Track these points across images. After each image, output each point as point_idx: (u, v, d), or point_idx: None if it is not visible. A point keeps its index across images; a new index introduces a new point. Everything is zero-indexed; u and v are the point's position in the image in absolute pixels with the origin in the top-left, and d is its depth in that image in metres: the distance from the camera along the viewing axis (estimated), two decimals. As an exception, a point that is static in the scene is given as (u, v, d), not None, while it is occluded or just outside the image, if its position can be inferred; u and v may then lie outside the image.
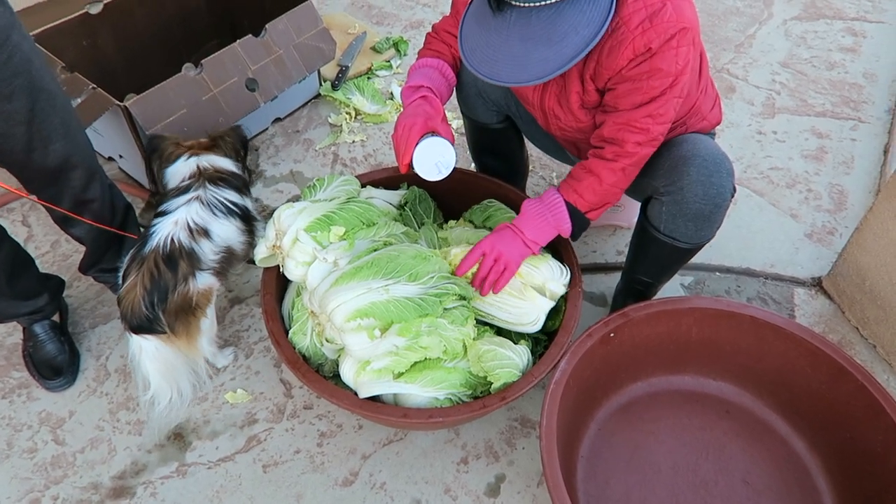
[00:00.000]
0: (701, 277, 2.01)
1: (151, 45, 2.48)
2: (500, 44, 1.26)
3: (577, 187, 1.48)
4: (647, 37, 1.27)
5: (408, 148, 1.48)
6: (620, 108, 1.39)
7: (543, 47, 1.23)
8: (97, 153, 2.32)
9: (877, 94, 2.60)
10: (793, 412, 1.65)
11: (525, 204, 1.55)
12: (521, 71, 1.26)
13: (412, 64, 1.63)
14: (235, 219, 1.65)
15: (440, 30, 1.63)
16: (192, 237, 1.56)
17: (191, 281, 1.54)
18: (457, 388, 1.51)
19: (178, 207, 1.61)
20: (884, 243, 1.73)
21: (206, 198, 1.63)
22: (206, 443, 1.67)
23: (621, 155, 1.42)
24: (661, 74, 1.31)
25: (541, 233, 1.52)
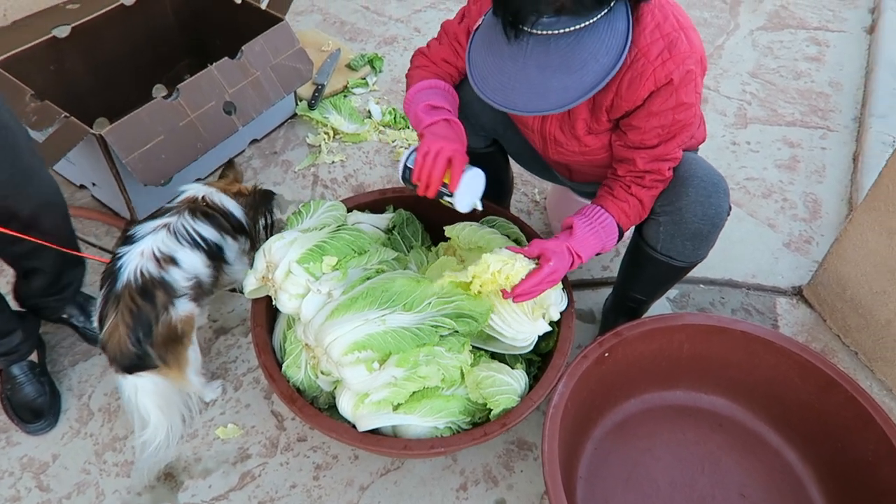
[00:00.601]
0: (686, 290, 2.03)
1: (121, 68, 2.42)
2: (515, 72, 1.23)
3: (626, 210, 1.47)
4: (667, 68, 1.28)
5: (454, 177, 1.43)
6: (648, 145, 1.40)
7: (562, 75, 1.21)
8: (69, 181, 2.26)
9: (843, 103, 2.67)
10: (784, 424, 1.68)
11: (578, 224, 1.47)
12: (540, 100, 1.24)
13: (417, 83, 1.56)
14: (200, 252, 1.60)
15: (436, 57, 1.58)
16: (160, 266, 1.52)
17: (171, 309, 1.51)
18: (456, 415, 1.50)
19: (145, 235, 1.57)
20: (863, 253, 1.77)
21: (174, 226, 1.59)
22: (199, 481, 1.62)
23: (659, 181, 1.46)
24: (685, 108, 1.33)
25: (589, 252, 1.48)
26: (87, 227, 2.15)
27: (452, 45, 1.56)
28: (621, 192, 1.48)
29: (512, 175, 2.01)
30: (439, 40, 1.58)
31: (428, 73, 1.58)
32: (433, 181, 1.44)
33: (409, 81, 1.59)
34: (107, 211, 2.20)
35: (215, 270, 1.66)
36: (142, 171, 1.94)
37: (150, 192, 2.12)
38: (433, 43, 1.60)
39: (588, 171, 1.64)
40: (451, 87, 1.57)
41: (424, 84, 1.54)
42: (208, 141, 2.09)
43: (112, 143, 1.88)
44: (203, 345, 1.87)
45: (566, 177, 1.74)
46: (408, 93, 1.56)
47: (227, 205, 1.71)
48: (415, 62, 1.63)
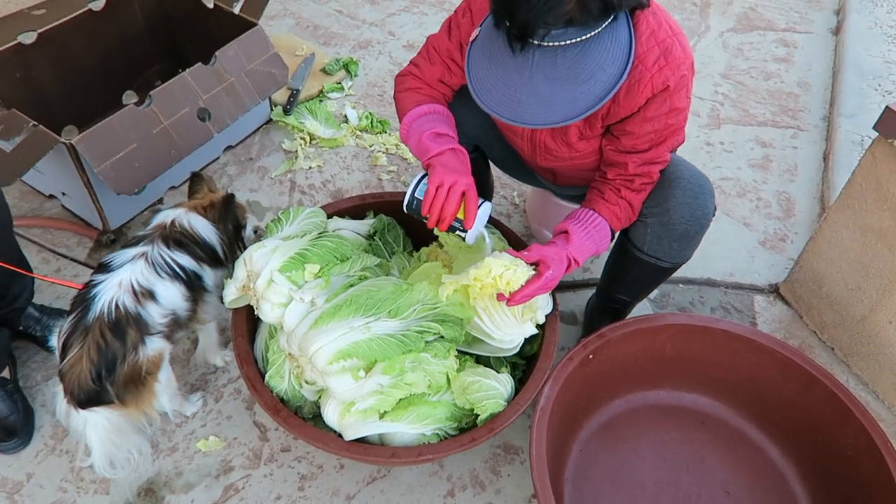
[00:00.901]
0: (666, 290, 2.05)
1: (90, 74, 2.36)
2: (521, 84, 1.21)
3: (617, 213, 1.48)
4: (664, 74, 1.29)
5: (470, 213, 1.43)
6: (641, 149, 1.41)
7: (571, 87, 1.20)
8: (37, 191, 2.21)
9: (812, 103, 2.73)
10: (766, 420, 1.70)
11: (573, 229, 1.46)
12: (549, 112, 1.23)
13: (415, 107, 1.51)
14: (180, 284, 1.53)
15: (430, 79, 1.54)
16: (138, 300, 1.44)
17: (140, 349, 1.43)
18: (443, 422, 1.49)
19: (123, 265, 1.48)
20: (838, 251, 1.81)
21: (152, 256, 1.51)
22: (181, 496, 1.59)
23: (648, 184, 1.48)
24: (678, 112, 1.35)
25: (586, 256, 1.49)
26: (58, 238, 2.10)
27: (445, 62, 1.52)
28: (612, 195, 1.48)
29: (492, 179, 2.01)
30: (429, 59, 1.54)
31: (422, 95, 1.54)
32: (447, 216, 1.43)
33: (402, 105, 1.55)
34: (78, 221, 2.14)
35: (194, 303, 1.57)
36: (114, 180, 1.89)
37: (122, 201, 2.08)
38: (422, 62, 1.56)
39: (573, 175, 1.64)
40: (448, 111, 1.54)
41: (424, 109, 1.51)
42: (182, 148, 2.05)
43: (83, 151, 1.84)
44: (182, 356, 1.83)
45: (550, 181, 1.74)
46: (404, 119, 1.52)
47: (197, 227, 1.59)
48: (406, 84, 1.58)
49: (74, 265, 2.03)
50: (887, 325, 1.73)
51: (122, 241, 2.10)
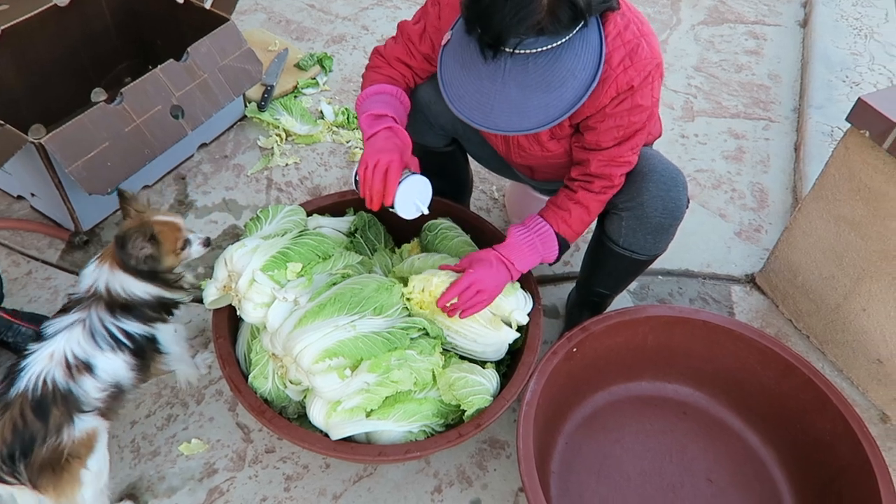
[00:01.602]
0: (645, 282, 2.07)
1: (56, 71, 2.30)
2: (494, 91, 1.22)
3: (566, 218, 1.49)
4: (628, 75, 1.30)
5: (389, 189, 1.42)
6: (604, 146, 1.41)
7: (542, 94, 1.21)
8: (5, 192, 2.14)
9: (783, 94, 2.77)
10: (746, 408, 1.73)
11: (513, 232, 1.52)
12: (522, 119, 1.24)
13: (365, 88, 1.55)
14: (125, 353, 1.40)
15: (390, 56, 1.57)
16: (70, 375, 1.33)
17: (66, 430, 1.31)
18: (430, 418, 1.49)
19: (58, 333, 1.37)
20: (812, 241, 1.84)
21: (91, 324, 1.38)
22: (164, 500, 1.56)
23: (609, 187, 1.47)
24: (640, 110, 1.35)
25: (528, 262, 1.52)
26: (28, 240, 2.04)
27: (406, 45, 1.54)
28: (564, 200, 1.50)
29: (471, 173, 2.01)
30: (395, 39, 1.57)
31: (380, 74, 1.57)
32: (374, 194, 1.45)
33: (363, 84, 1.58)
34: (48, 222, 2.09)
35: (142, 370, 1.45)
36: (87, 180, 1.85)
37: (94, 202, 2.03)
38: (390, 42, 1.59)
39: (550, 171, 1.65)
40: (399, 91, 1.55)
41: (372, 90, 1.53)
42: (156, 147, 2.01)
43: (53, 151, 1.79)
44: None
45: (528, 176, 1.75)
46: (357, 99, 1.56)
47: (132, 287, 1.43)
48: (371, 62, 1.61)
49: (46, 267, 1.98)
50: (861, 312, 1.78)
51: (94, 242, 2.06)
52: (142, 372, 1.46)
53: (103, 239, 2.07)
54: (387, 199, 1.45)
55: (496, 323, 1.52)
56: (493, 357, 1.58)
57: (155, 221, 1.46)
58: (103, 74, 2.46)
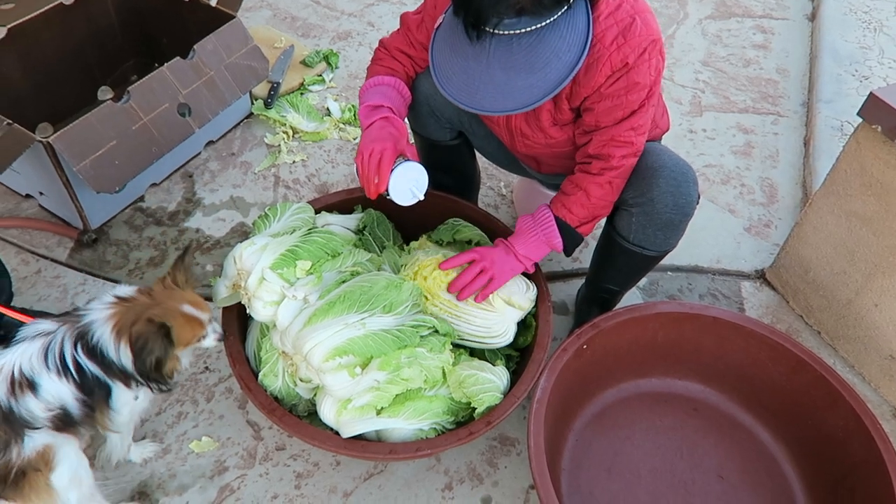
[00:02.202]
0: (654, 278, 2.07)
1: (62, 70, 2.30)
2: (479, 72, 1.23)
3: (566, 202, 1.49)
4: (622, 52, 1.30)
5: (382, 175, 1.45)
6: (603, 126, 1.41)
7: (526, 74, 1.22)
8: (13, 191, 2.15)
9: (791, 89, 2.76)
10: (756, 404, 1.72)
11: (519, 220, 1.56)
12: (506, 100, 1.25)
13: (366, 81, 1.59)
14: (70, 383, 1.29)
15: (391, 47, 1.60)
16: (12, 392, 1.24)
17: (13, 448, 1.24)
18: (440, 416, 1.49)
19: (20, 342, 1.29)
20: (823, 236, 1.83)
21: (51, 346, 1.28)
22: (175, 498, 1.57)
23: (607, 169, 1.45)
24: (638, 88, 1.34)
25: (533, 249, 1.53)
26: (37, 239, 2.05)
27: (406, 34, 1.57)
28: (566, 184, 1.52)
29: (479, 169, 2.00)
30: (398, 30, 1.61)
31: (381, 66, 1.61)
32: (369, 182, 1.48)
33: (367, 77, 1.62)
34: (57, 221, 2.09)
35: (90, 408, 1.33)
36: (94, 179, 1.85)
37: (102, 200, 2.04)
38: (394, 33, 1.62)
39: (556, 162, 1.64)
40: (398, 82, 1.58)
41: (371, 82, 1.58)
42: (163, 145, 2.01)
43: (61, 150, 1.79)
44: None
45: (534, 169, 1.74)
46: (359, 91, 1.60)
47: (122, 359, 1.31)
48: (375, 55, 1.65)
49: (55, 266, 1.98)
50: (873, 308, 1.76)
51: (103, 240, 2.06)
52: (89, 409, 1.33)
53: (111, 237, 2.07)
54: (380, 185, 1.47)
55: (496, 302, 1.53)
56: (501, 340, 1.58)
57: (181, 314, 1.35)
58: (109, 73, 2.46)
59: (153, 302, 1.34)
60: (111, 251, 2.03)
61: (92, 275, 1.97)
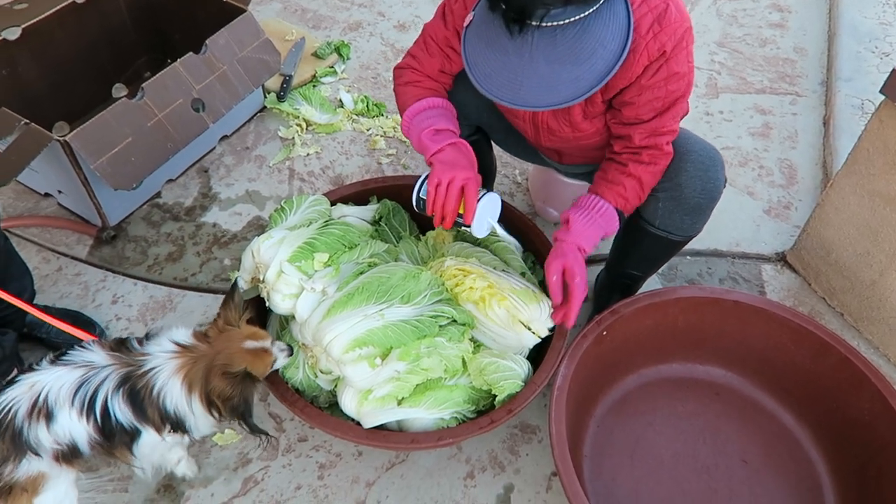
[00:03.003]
0: (673, 263, 2.05)
1: (77, 68, 2.31)
2: (521, 67, 1.19)
3: (623, 193, 1.45)
4: (659, 40, 1.27)
5: (469, 207, 1.42)
6: (644, 119, 1.38)
7: (572, 66, 1.18)
8: (32, 190, 2.17)
9: (809, 68, 2.71)
10: (779, 388, 1.70)
11: (574, 218, 1.46)
12: (551, 94, 1.21)
13: (415, 104, 1.49)
14: (89, 424, 1.26)
15: (429, 70, 1.52)
16: (29, 416, 1.24)
17: (8, 464, 1.24)
18: (461, 405, 1.49)
19: (62, 366, 1.28)
20: (846, 217, 1.80)
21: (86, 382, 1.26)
22: (200, 490, 1.58)
23: (659, 157, 1.43)
24: (678, 77, 1.32)
25: (595, 242, 1.49)
26: (57, 237, 2.07)
27: (443, 51, 1.50)
28: (616, 174, 1.46)
29: (494, 159, 1.99)
30: (426, 49, 1.52)
31: (421, 89, 1.52)
32: (448, 213, 1.43)
33: (401, 99, 1.54)
34: (76, 218, 2.11)
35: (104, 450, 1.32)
36: (111, 176, 1.86)
37: (120, 197, 2.05)
38: (419, 53, 1.53)
39: (578, 154, 1.63)
40: (448, 103, 1.52)
41: (423, 105, 1.49)
42: (178, 140, 2.02)
43: (78, 148, 1.80)
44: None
45: (556, 160, 1.73)
46: (404, 115, 1.51)
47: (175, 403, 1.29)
48: (405, 77, 1.55)
49: (76, 263, 2.00)
50: (897, 288, 1.74)
51: (122, 236, 2.07)
52: (103, 450, 1.32)
53: (130, 234, 2.08)
54: (466, 217, 1.44)
55: (516, 326, 1.49)
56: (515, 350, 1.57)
57: (247, 352, 1.33)
58: (123, 70, 2.47)
59: (215, 349, 1.32)
60: (130, 247, 2.05)
61: (112, 271, 1.99)
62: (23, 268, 1.73)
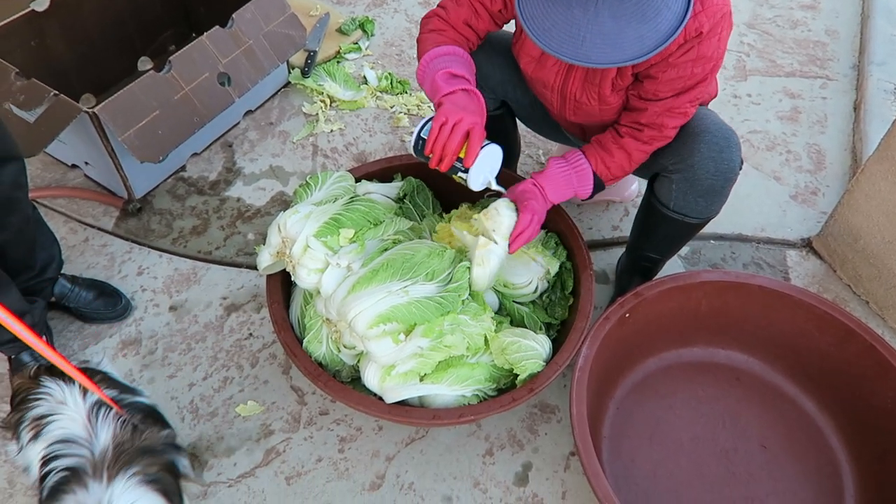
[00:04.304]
0: (697, 247, 2.03)
1: (103, 41, 2.32)
2: (587, 22, 1.16)
3: (606, 160, 1.47)
4: (699, 20, 1.25)
5: (471, 151, 1.37)
6: (661, 97, 1.37)
7: (638, 24, 1.16)
8: (60, 161, 2.19)
9: (840, 51, 2.66)
10: (801, 375, 1.69)
11: (552, 164, 1.51)
12: (615, 51, 1.18)
13: (433, 48, 1.46)
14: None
15: (455, 20, 1.49)
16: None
17: None
18: (482, 383, 1.50)
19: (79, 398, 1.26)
20: (875, 203, 1.78)
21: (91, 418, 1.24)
22: (223, 460, 1.61)
23: (658, 138, 1.43)
24: (705, 61, 1.30)
25: (561, 194, 1.52)
26: (84, 208, 2.09)
27: (472, 5, 1.48)
28: (609, 142, 1.48)
29: (519, 138, 1.98)
30: (456, 1, 1.50)
31: (444, 38, 1.50)
32: (448, 154, 1.38)
33: (422, 46, 1.50)
34: (102, 190, 2.13)
35: None
36: (138, 149, 1.87)
37: (146, 169, 2.06)
38: (449, 4, 1.51)
39: (602, 130, 1.61)
40: (468, 56, 1.50)
41: (441, 50, 1.46)
42: (205, 114, 2.02)
43: (106, 120, 1.82)
44: (215, 322, 1.84)
45: (578, 137, 1.71)
46: (421, 59, 1.48)
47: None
48: (430, 25, 1.53)
49: (102, 234, 2.03)
50: (925, 277, 1.72)
51: (147, 209, 2.09)
52: None
53: (155, 206, 2.10)
54: (467, 160, 1.39)
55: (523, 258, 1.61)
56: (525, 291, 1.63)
57: None
58: (149, 43, 2.48)
59: None
60: (155, 220, 2.07)
61: (137, 243, 2.01)
62: (51, 237, 1.75)
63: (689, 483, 1.58)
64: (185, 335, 1.82)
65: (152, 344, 1.80)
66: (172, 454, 1.28)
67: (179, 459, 1.30)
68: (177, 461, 1.29)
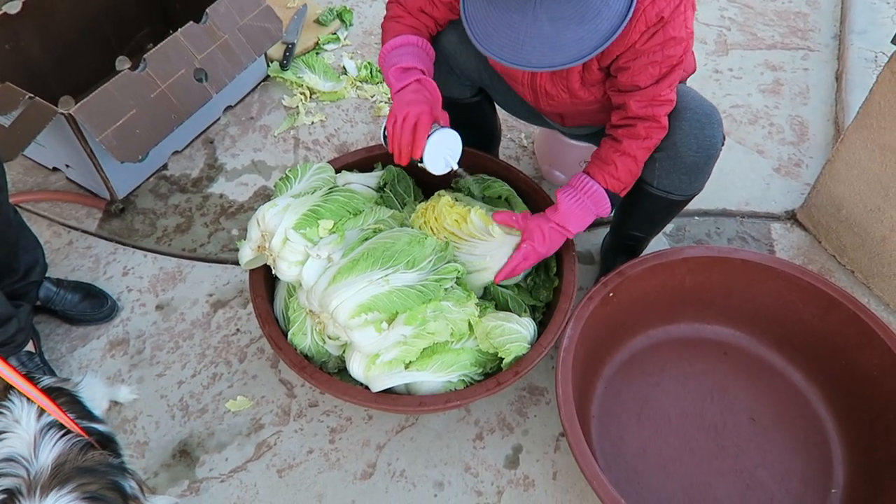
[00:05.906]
0: (681, 223, 2.03)
1: (79, 42, 2.30)
2: (524, 25, 1.17)
3: (614, 173, 1.44)
4: (657, 6, 1.24)
5: (418, 142, 1.40)
6: (641, 86, 1.35)
7: (577, 26, 1.16)
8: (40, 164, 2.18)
9: (822, 21, 2.64)
10: (788, 346, 1.70)
11: (563, 198, 1.48)
12: (554, 54, 1.18)
13: (388, 40, 1.52)
14: None
15: (411, 7, 1.52)
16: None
17: None
18: (468, 368, 1.50)
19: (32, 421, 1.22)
20: (856, 172, 1.78)
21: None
22: (215, 455, 1.62)
23: (655, 129, 1.41)
24: (675, 42, 1.29)
25: (583, 223, 1.51)
26: (67, 211, 2.09)
27: None
28: (609, 153, 1.45)
29: (499, 123, 1.97)
30: None
31: (402, 25, 1.52)
32: (403, 148, 1.43)
33: (384, 36, 1.54)
34: (85, 192, 2.12)
35: None
36: (117, 149, 1.86)
37: (127, 169, 2.05)
38: None
39: (582, 117, 1.61)
40: (424, 42, 1.51)
41: (396, 42, 1.49)
42: (182, 111, 2.02)
43: (82, 121, 1.81)
44: (202, 319, 1.84)
45: (558, 123, 1.71)
46: (381, 51, 1.52)
47: None
48: (390, 11, 1.56)
49: (86, 237, 2.02)
50: (908, 244, 1.72)
51: (130, 209, 2.09)
52: None
53: (138, 206, 2.10)
54: (415, 152, 1.43)
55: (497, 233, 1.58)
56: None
57: None
58: (126, 42, 2.46)
59: None
60: (139, 220, 2.07)
61: (122, 244, 2.01)
62: (34, 241, 1.75)
63: (679, 458, 1.59)
64: (173, 333, 1.82)
65: (140, 343, 1.80)
66: (116, 476, 1.24)
67: (126, 481, 1.26)
68: (122, 482, 1.24)
